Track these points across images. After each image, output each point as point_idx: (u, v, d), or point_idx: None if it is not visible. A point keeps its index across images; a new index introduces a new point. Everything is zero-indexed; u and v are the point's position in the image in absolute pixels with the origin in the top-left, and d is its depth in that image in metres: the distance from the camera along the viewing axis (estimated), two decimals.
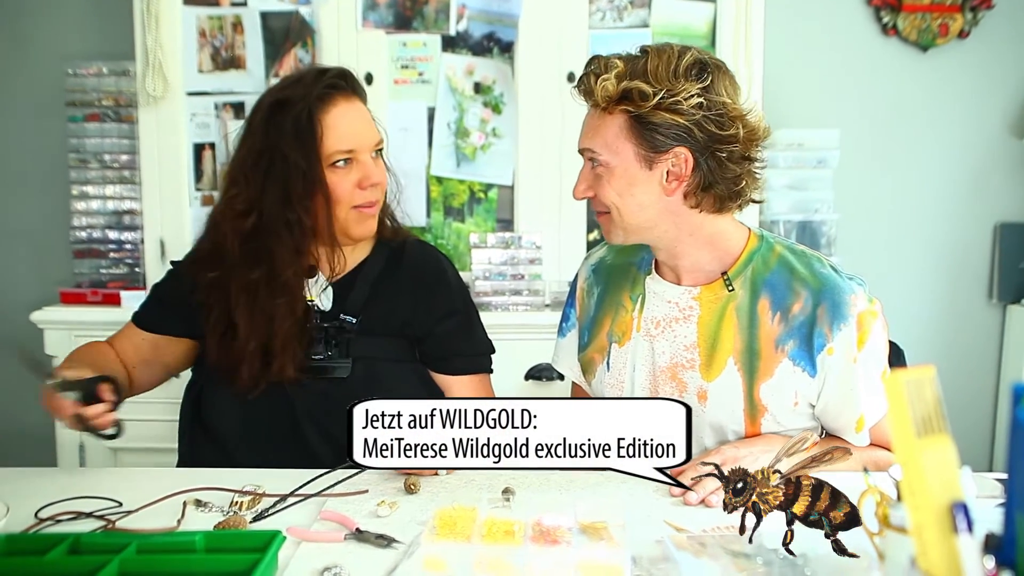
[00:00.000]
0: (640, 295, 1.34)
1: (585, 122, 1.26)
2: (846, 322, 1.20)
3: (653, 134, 1.17)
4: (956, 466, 0.61)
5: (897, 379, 0.61)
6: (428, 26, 2.35)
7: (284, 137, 1.32)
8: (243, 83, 2.36)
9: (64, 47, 2.61)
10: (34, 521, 1.06)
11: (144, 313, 1.49)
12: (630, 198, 1.22)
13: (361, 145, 1.36)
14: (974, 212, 2.75)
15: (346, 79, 1.39)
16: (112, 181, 2.44)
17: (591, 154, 1.23)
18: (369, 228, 1.41)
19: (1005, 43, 2.68)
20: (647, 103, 1.16)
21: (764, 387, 1.23)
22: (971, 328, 2.78)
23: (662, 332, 1.30)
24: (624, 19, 2.35)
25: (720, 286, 1.27)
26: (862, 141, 2.68)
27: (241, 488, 1.15)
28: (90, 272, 2.44)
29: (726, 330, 1.25)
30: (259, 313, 1.34)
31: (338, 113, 1.35)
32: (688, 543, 0.96)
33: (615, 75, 1.17)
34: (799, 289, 1.23)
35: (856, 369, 1.21)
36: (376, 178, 1.37)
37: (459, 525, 1.00)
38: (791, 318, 1.22)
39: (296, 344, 1.34)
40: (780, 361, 1.22)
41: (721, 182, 1.21)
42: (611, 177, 1.21)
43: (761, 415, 1.24)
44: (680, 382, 1.28)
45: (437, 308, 1.47)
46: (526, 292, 2.34)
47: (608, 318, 1.37)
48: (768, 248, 1.27)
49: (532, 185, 2.37)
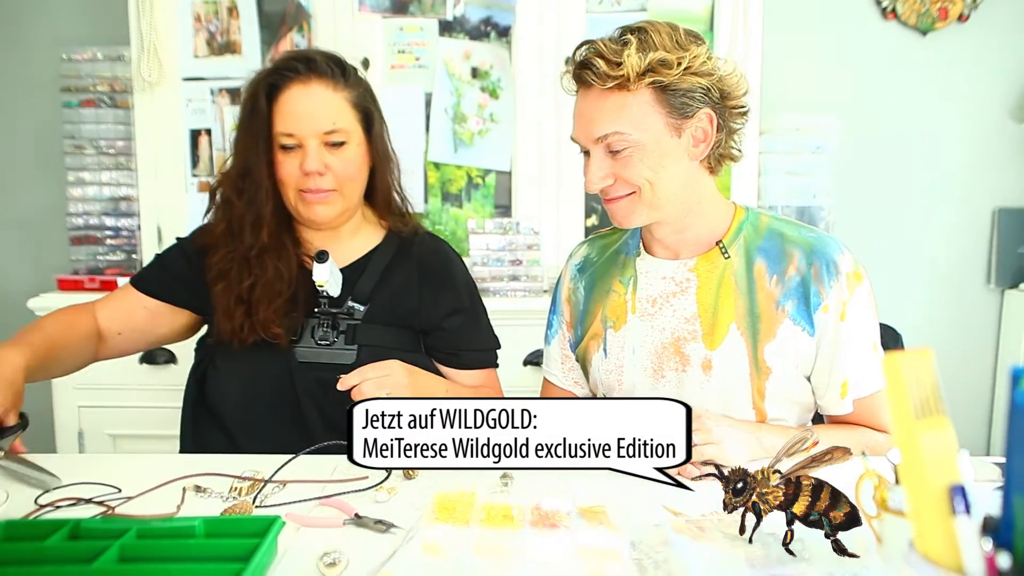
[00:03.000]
0: (631, 277, 1.35)
1: (587, 109, 1.23)
2: (836, 279, 1.24)
3: (682, 99, 1.19)
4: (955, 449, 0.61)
5: (896, 360, 0.61)
6: (425, 11, 2.33)
7: (243, 113, 1.39)
8: (239, 68, 2.35)
9: (58, 32, 2.60)
10: (34, 507, 1.06)
11: (148, 277, 1.48)
12: (663, 171, 1.22)
13: (303, 131, 1.35)
14: (973, 197, 2.75)
15: (309, 64, 1.37)
16: (108, 167, 2.43)
17: (617, 137, 1.20)
18: (319, 214, 1.39)
19: (1005, 27, 2.66)
20: (672, 71, 1.17)
21: (768, 348, 1.26)
22: (969, 313, 2.79)
23: (660, 309, 1.31)
24: (622, 3, 2.33)
25: (716, 254, 1.29)
26: (861, 126, 2.68)
27: (240, 474, 1.16)
28: (87, 259, 2.44)
29: (725, 297, 1.27)
30: (246, 271, 1.38)
31: (288, 97, 1.35)
32: (686, 527, 0.96)
33: (635, 51, 1.17)
34: (792, 251, 1.26)
35: (842, 328, 1.24)
36: (312, 167, 1.35)
37: (458, 510, 1.00)
38: (787, 279, 1.26)
39: (271, 305, 1.37)
40: (782, 321, 1.25)
41: (728, 139, 1.26)
42: (643, 154, 1.21)
43: (766, 377, 1.26)
44: (683, 356, 1.29)
45: (444, 303, 1.48)
46: (524, 278, 2.34)
47: (599, 307, 1.38)
48: (755, 217, 1.31)
49: (530, 170, 2.37)
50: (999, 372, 2.78)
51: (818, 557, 0.89)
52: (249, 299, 1.38)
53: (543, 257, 2.36)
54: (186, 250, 1.48)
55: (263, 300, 1.37)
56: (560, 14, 2.32)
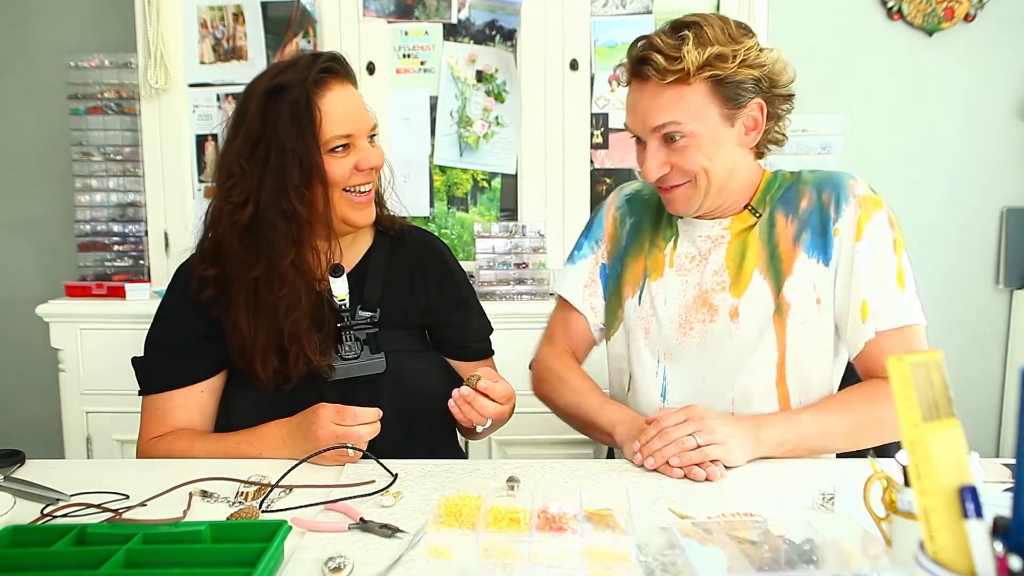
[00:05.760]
0: (673, 235, 1.41)
1: (644, 100, 1.27)
2: (848, 202, 1.30)
3: (736, 91, 1.25)
4: (964, 450, 0.61)
5: (904, 362, 0.61)
6: (430, 14, 2.34)
7: (281, 124, 1.27)
8: (245, 74, 2.35)
9: (66, 40, 2.61)
10: (40, 513, 1.06)
11: (178, 371, 1.35)
12: (717, 159, 1.28)
13: (359, 130, 1.33)
14: (980, 197, 2.73)
15: (340, 63, 1.35)
16: (115, 174, 2.44)
17: (674, 127, 1.25)
18: (366, 216, 1.37)
19: (1011, 26, 2.65)
20: (728, 65, 1.23)
21: (788, 284, 1.30)
22: (978, 313, 2.77)
23: (696, 265, 1.37)
24: (627, 6, 2.33)
25: (747, 215, 1.36)
26: (867, 126, 2.66)
27: (247, 479, 1.16)
28: (95, 265, 2.44)
29: (751, 247, 1.33)
30: (262, 309, 1.30)
31: (334, 98, 1.31)
32: (693, 530, 0.96)
33: (693, 46, 1.21)
34: (804, 189, 1.34)
35: (858, 248, 1.27)
36: (373, 161, 1.34)
37: (464, 513, 0.99)
38: (801, 213, 1.32)
39: (310, 335, 1.30)
40: (798, 256, 1.31)
41: (776, 124, 1.33)
42: (699, 144, 1.27)
43: (787, 314, 1.30)
44: (711, 307, 1.34)
45: (447, 297, 1.47)
46: (530, 281, 2.33)
47: (642, 254, 1.43)
48: (781, 176, 1.39)
49: (536, 173, 2.36)
50: (1008, 373, 2.76)
51: (826, 560, 0.88)
52: (296, 333, 1.30)
53: (549, 260, 2.36)
54: (189, 301, 1.35)
55: (307, 333, 1.30)
56: (565, 17, 2.31)
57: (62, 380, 2.28)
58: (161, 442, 1.32)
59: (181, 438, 1.32)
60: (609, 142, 2.37)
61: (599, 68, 2.34)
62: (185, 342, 1.36)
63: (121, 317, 2.25)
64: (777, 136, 1.35)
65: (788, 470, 1.19)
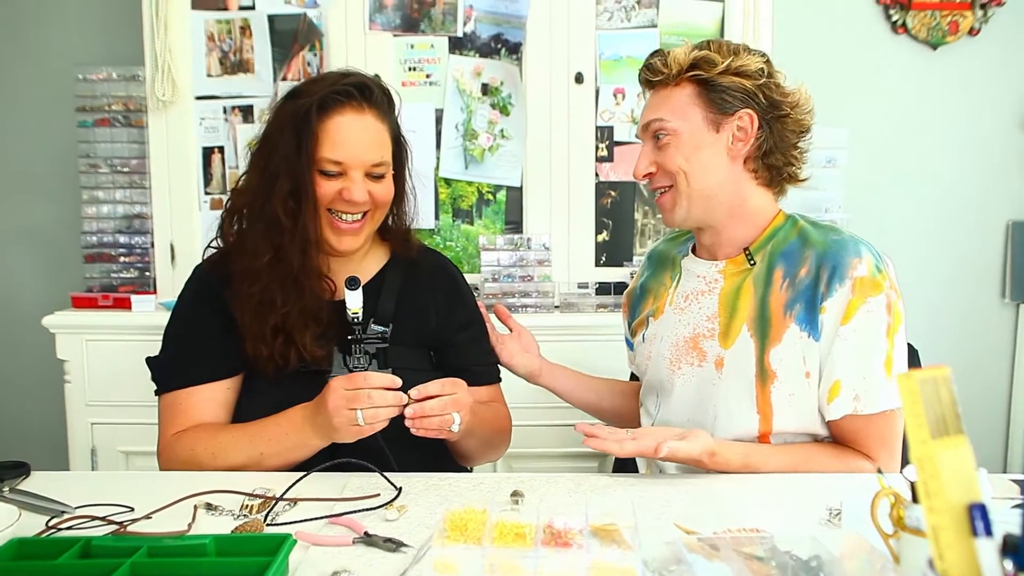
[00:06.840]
0: (678, 274, 1.44)
1: (646, 105, 1.36)
2: (842, 283, 1.23)
3: (721, 96, 1.27)
4: (973, 467, 0.60)
5: (912, 379, 0.60)
6: (435, 28, 2.35)
7: (283, 131, 1.30)
8: (252, 86, 2.37)
9: (74, 52, 2.63)
10: (46, 526, 1.06)
11: (200, 366, 1.36)
12: (697, 161, 1.29)
13: (353, 160, 1.30)
14: (986, 211, 2.73)
15: (363, 91, 1.33)
16: (122, 185, 2.45)
17: (658, 124, 1.30)
18: (347, 243, 1.35)
19: (1016, 40, 2.66)
20: (715, 68, 1.27)
21: (773, 352, 1.27)
22: (984, 327, 2.76)
23: (689, 304, 1.37)
24: (632, 19, 2.34)
25: (742, 260, 1.33)
26: (872, 140, 2.67)
27: (251, 491, 1.15)
28: (101, 276, 2.45)
29: (743, 299, 1.31)
30: (244, 303, 1.33)
31: (340, 121, 1.30)
32: (699, 545, 0.95)
33: (683, 49, 1.30)
34: (807, 254, 1.28)
35: (842, 332, 1.23)
36: (356, 197, 1.31)
37: (469, 528, 0.99)
38: (798, 283, 1.27)
39: (303, 331, 1.32)
40: (788, 326, 1.26)
41: (778, 150, 1.31)
42: (678, 143, 1.29)
43: (771, 381, 1.27)
44: (700, 351, 1.34)
45: (456, 319, 1.48)
46: (535, 294, 2.33)
47: (651, 296, 1.49)
48: (792, 224, 1.34)
49: (541, 186, 2.37)
50: (1015, 387, 2.75)
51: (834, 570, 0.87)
52: (285, 325, 1.32)
53: (554, 273, 2.36)
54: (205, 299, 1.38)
55: (299, 327, 1.32)
56: (570, 30, 2.32)
57: (67, 391, 2.28)
58: (185, 436, 1.32)
59: (206, 429, 1.32)
60: (614, 155, 2.37)
61: (604, 81, 2.34)
62: (206, 337, 1.37)
63: (127, 328, 2.26)
64: (792, 170, 1.35)
65: (795, 485, 1.19)
